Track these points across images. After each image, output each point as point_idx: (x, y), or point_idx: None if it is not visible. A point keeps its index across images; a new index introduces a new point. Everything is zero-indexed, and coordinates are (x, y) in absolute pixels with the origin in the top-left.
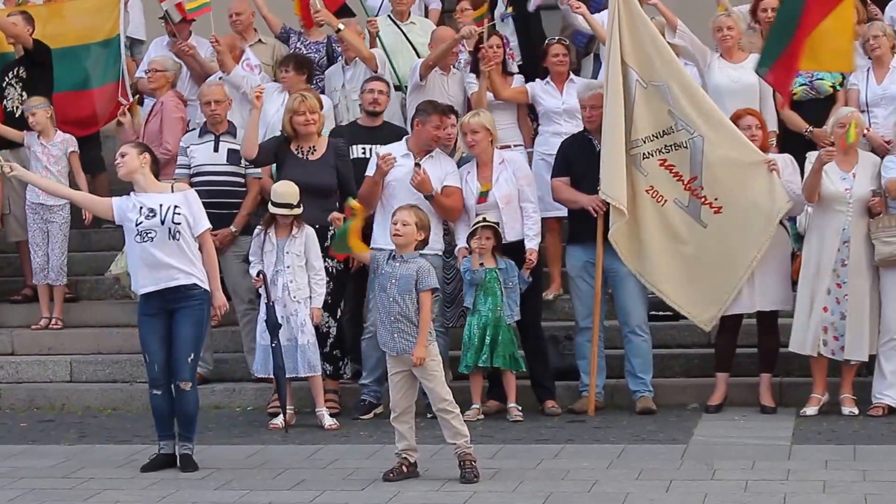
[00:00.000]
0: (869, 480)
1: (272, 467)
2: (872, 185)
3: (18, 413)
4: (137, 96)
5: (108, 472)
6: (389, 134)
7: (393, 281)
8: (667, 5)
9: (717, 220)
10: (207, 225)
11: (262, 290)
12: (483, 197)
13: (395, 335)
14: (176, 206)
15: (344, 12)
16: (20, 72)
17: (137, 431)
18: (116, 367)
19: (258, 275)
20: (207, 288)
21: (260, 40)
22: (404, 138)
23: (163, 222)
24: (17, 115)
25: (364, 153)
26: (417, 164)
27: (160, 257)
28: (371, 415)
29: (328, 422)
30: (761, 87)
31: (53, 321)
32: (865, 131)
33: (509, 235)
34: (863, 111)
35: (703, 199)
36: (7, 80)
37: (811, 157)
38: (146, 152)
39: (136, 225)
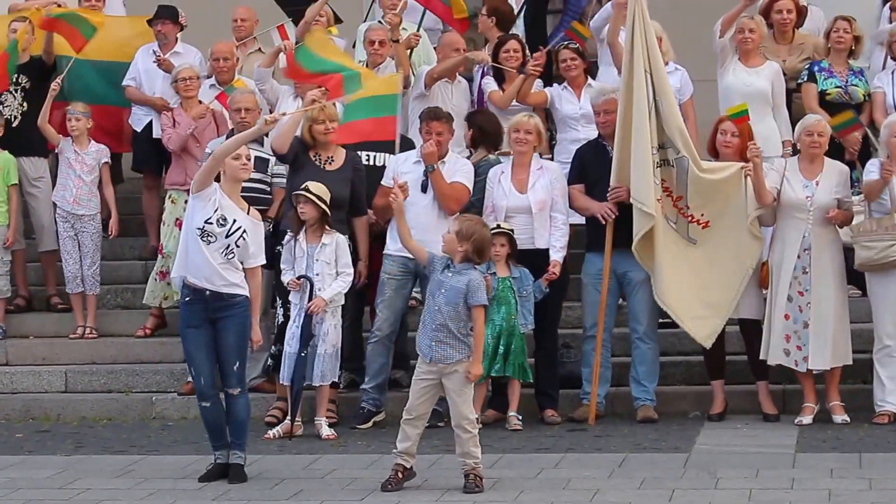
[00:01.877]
0: (875, 489)
1: (270, 477)
2: (838, 193)
3: (14, 423)
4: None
5: (104, 482)
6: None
7: (442, 290)
8: (682, 4)
9: (705, 235)
10: (263, 261)
11: (291, 298)
12: None
13: (434, 343)
14: (244, 231)
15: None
16: (21, 79)
17: (133, 441)
18: (111, 378)
19: (298, 278)
20: (248, 294)
21: (259, 49)
22: (419, 146)
23: (227, 236)
24: (14, 125)
25: (368, 160)
26: (426, 171)
27: (210, 261)
28: (370, 423)
29: (326, 431)
30: (774, 94)
31: (88, 330)
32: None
33: (539, 242)
34: (889, 113)
35: (689, 218)
36: None
37: (774, 163)
38: None
39: (206, 222)
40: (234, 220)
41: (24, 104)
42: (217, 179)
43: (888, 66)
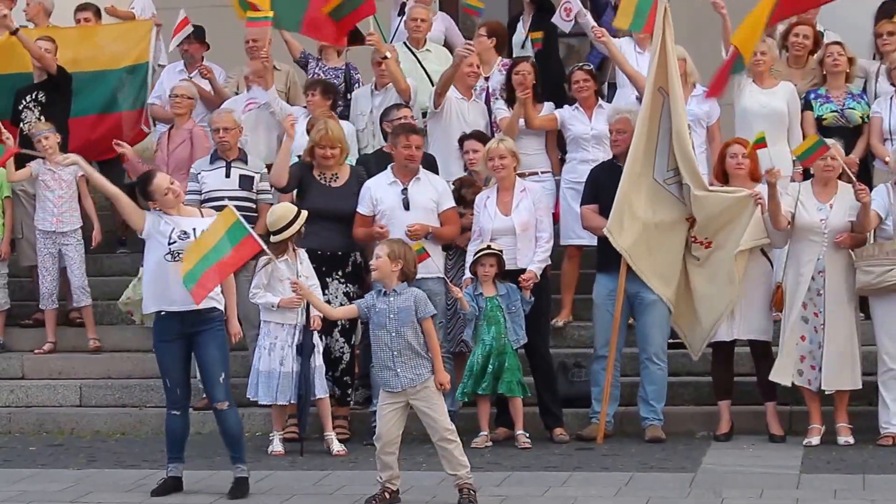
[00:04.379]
0: None
1: (280, 493)
2: (851, 216)
3: (28, 437)
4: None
5: (116, 496)
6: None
7: (391, 316)
8: (684, 23)
9: (707, 254)
10: None
11: (271, 318)
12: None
13: (399, 370)
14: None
15: (354, 39)
16: (39, 96)
17: (146, 456)
18: (125, 392)
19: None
20: (222, 308)
21: (275, 66)
22: (389, 166)
23: None
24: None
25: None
26: (404, 190)
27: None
28: None
29: (336, 447)
30: (790, 114)
31: (92, 342)
32: (886, 158)
33: (521, 262)
34: (886, 139)
35: (693, 238)
36: (24, 103)
37: (789, 188)
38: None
39: (170, 243)
40: (194, 228)
41: (42, 118)
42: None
43: (887, 92)
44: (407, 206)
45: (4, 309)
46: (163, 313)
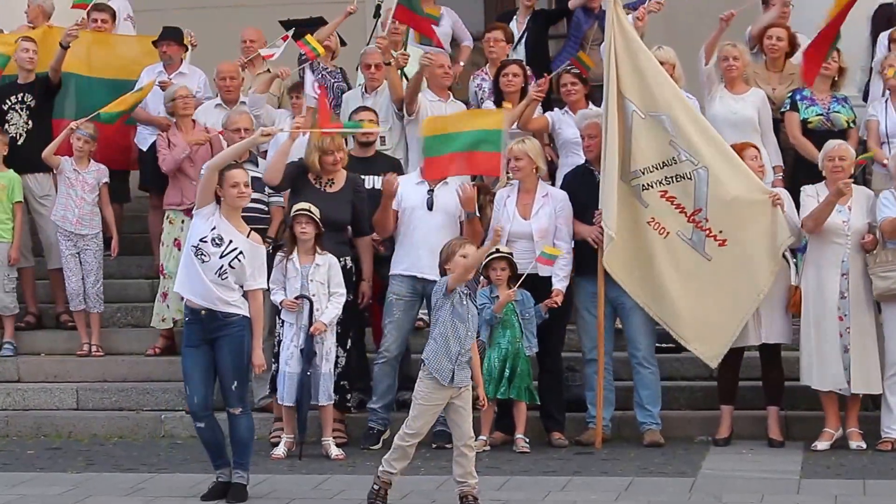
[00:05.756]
0: None
1: (278, 497)
2: (867, 217)
3: (26, 440)
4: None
5: (114, 500)
6: (383, 164)
7: (469, 316)
8: (657, 29)
9: (721, 253)
10: (263, 286)
11: (284, 318)
12: (550, 259)
13: (456, 368)
14: (241, 253)
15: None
16: (26, 98)
17: (144, 460)
18: (122, 395)
19: (297, 298)
20: (247, 314)
21: (268, 70)
22: (418, 168)
23: (221, 257)
24: (19, 142)
25: (369, 185)
26: (430, 191)
27: (205, 280)
28: (380, 444)
29: (334, 451)
30: (761, 121)
31: (94, 348)
32: (885, 161)
33: (541, 271)
34: (883, 143)
35: (707, 231)
36: (10, 103)
37: (807, 189)
38: None
39: (200, 240)
40: (231, 242)
41: (30, 122)
42: (219, 200)
43: (883, 95)
44: (431, 207)
45: (13, 314)
46: (188, 318)
